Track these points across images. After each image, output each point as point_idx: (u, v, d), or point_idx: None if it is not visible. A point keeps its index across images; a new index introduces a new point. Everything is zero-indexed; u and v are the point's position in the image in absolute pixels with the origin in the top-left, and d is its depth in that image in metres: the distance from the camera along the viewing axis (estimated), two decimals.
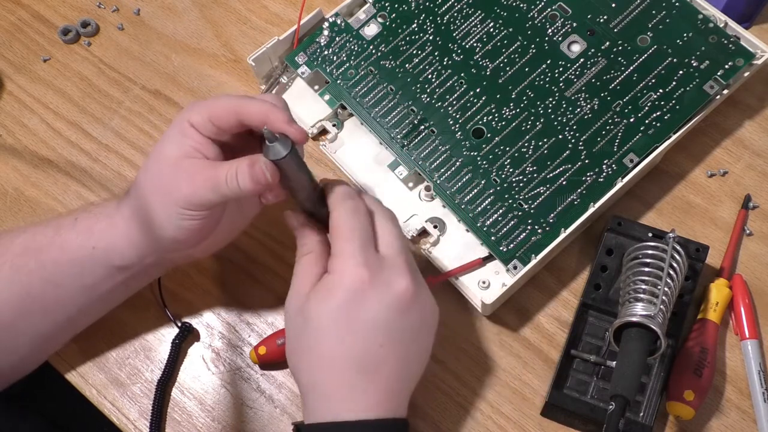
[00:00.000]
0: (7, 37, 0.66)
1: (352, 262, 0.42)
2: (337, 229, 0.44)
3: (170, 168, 0.44)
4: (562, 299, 0.54)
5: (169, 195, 0.44)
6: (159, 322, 0.55)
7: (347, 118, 0.59)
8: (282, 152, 0.42)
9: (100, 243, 0.47)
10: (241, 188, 0.42)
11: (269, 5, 0.66)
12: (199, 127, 0.44)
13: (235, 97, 0.44)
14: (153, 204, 0.44)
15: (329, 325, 0.42)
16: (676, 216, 0.56)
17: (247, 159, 0.43)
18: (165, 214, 0.44)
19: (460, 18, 0.58)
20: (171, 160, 0.44)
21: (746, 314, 0.52)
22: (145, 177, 0.45)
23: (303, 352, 0.44)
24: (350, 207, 0.44)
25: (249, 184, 0.42)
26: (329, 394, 0.43)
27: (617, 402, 0.44)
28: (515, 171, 0.54)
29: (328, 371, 0.43)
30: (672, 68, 0.55)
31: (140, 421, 0.52)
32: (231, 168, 0.43)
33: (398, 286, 0.43)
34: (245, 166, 0.42)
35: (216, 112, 0.44)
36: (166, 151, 0.44)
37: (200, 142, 0.44)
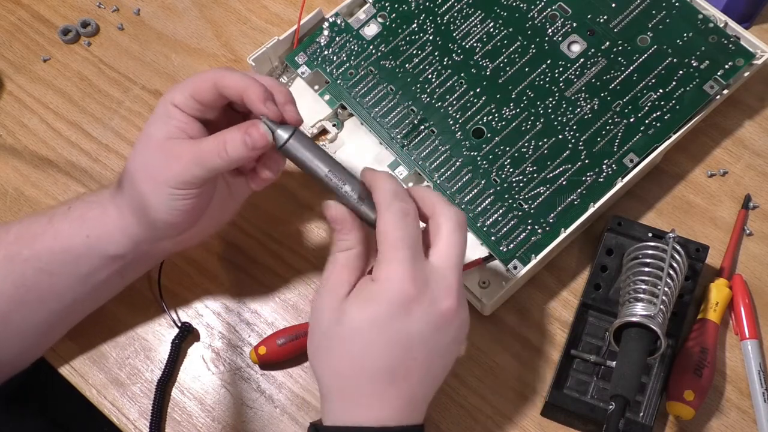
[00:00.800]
0: (7, 37, 0.66)
1: (398, 274, 0.41)
2: (384, 235, 0.41)
3: (157, 150, 0.44)
4: (562, 299, 0.54)
5: (159, 177, 0.44)
6: (159, 322, 0.55)
7: (347, 118, 0.59)
8: (283, 137, 0.43)
9: (93, 231, 0.47)
10: (232, 156, 0.43)
11: (269, 5, 0.66)
12: (183, 107, 0.44)
13: (213, 70, 0.45)
14: (144, 188, 0.45)
15: (367, 334, 0.41)
16: (676, 216, 0.56)
17: (236, 127, 0.43)
18: (156, 197, 0.44)
19: (460, 18, 0.58)
20: (157, 142, 0.44)
21: (746, 314, 0.52)
22: (134, 162, 0.46)
23: (332, 353, 0.42)
24: (400, 210, 0.42)
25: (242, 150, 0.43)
26: (354, 400, 0.42)
27: (617, 402, 0.44)
28: (515, 171, 0.54)
29: (357, 378, 0.42)
30: (672, 68, 0.55)
31: (140, 421, 0.52)
32: (218, 138, 0.43)
33: (443, 305, 0.41)
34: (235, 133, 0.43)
35: (196, 87, 0.44)
36: (152, 134, 0.45)
37: (184, 121, 0.44)
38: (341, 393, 0.42)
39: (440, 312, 0.41)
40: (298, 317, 0.55)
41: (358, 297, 0.42)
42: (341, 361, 0.42)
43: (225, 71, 0.44)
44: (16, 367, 0.51)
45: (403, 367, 0.42)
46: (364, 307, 0.41)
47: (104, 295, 0.51)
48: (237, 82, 0.43)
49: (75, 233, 0.47)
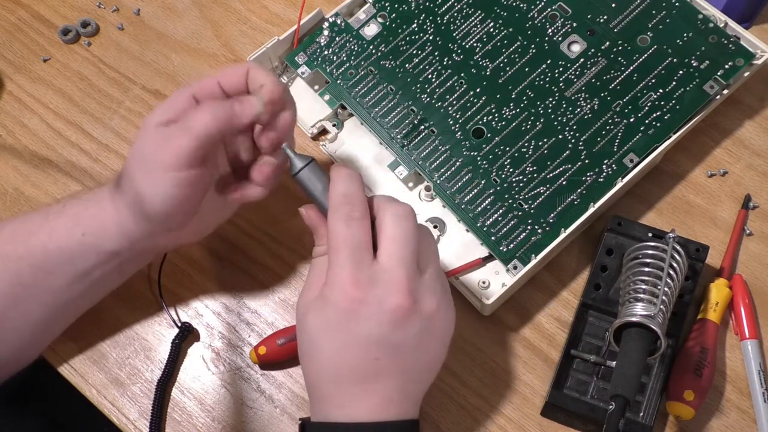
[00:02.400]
0: (7, 37, 0.66)
1: (341, 278, 0.41)
2: (330, 239, 0.42)
3: (152, 136, 0.45)
4: (562, 299, 0.54)
5: (154, 161, 0.44)
6: (159, 322, 0.55)
7: (347, 118, 0.59)
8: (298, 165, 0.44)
9: (89, 229, 0.47)
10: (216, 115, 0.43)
11: (269, 5, 0.66)
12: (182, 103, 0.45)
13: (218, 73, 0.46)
14: (140, 177, 0.45)
15: (324, 338, 0.42)
16: (676, 216, 0.56)
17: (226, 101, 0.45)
18: (153, 184, 0.44)
19: (460, 18, 0.58)
20: (152, 128, 0.45)
21: (746, 314, 0.52)
22: (131, 155, 0.46)
23: (304, 355, 0.44)
24: (345, 214, 0.42)
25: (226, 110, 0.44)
26: (327, 399, 0.43)
27: (617, 402, 0.44)
28: (515, 171, 0.54)
29: (325, 378, 0.43)
30: (672, 68, 0.55)
31: (140, 421, 0.52)
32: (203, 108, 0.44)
33: (392, 304, 0.41)
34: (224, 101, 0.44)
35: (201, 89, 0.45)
36: (147, 123, 0.45)
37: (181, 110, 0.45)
38: (315, 391, 0.44)
39: (391, 310, 0.41)
40: None
41: (315, 302, 0.43)
42: (311, 363, 0.43)
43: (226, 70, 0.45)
44: (14, 366, 0.51)
45: (367, 368, 0.42)
46: (318, 311, 0.42)
47: (102, 291, 0.51)
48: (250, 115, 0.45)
49: (71, 232, 0.47)
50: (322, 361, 0.43)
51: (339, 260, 0.41)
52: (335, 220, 0.42)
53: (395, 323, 0.41)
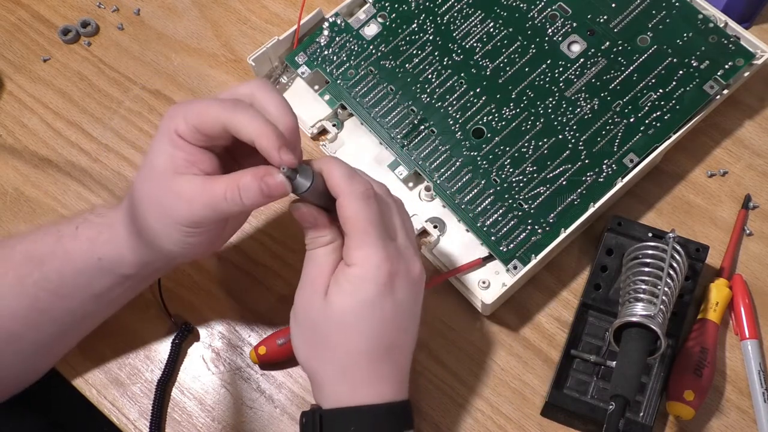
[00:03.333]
0: (7, 37, 0.66)
1: (376, 255, 0.41)
2: (352, 220, 0.41)
3: (164, 187, 0.41)
4: (562, 299, 0.54)
5: (168, 216, 0.42)
6: (159, 322, 0.55)
7: (347, 118, 0.59)
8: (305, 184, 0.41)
9: (105, 254, 0.46)
10: (246, 204, 0.40)
11: (269, 5, 0.66)
12: (188, 137, 0.41)
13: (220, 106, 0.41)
14: (152, 222, 0.43)
15: (359, 320, 0.42)
16: (676, 216, 0.56)
17: (250, 172, 0.40)
18: (166, 233, 0.43)
19: (460, 18, 0.58)
20: (164, 177, 0.41)
21: (746, 314, 0.52)
22: (140, 192, 0.43)
23: (327, 344, 0.43)
24: (361, 193, 0.41)
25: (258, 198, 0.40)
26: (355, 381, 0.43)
27: (617, 402, 0.44)
28: (515, 171, 0.54)
29: (356, 360, 0.43)
30: (672, 68, 0.55)
31: (140, 421, 0.52)
32: (231, 183, 0.40)
33: (415, 272, 0.43)
34: (250, 180, 0.40)
35: (202, 121, 0.40)
36: (158, 166, 0.42)
37: (192, 153, 0.41)
38: (342, 377, 0.43)
39: (414, 279, 0.44)
40: None
41: (341, 286, 0.42)
42: (338, 349, 0.43)
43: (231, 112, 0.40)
44: (27, 381, 0.51)
45: (397, 343, 0.44)
46: (350, 293, 0.42)
47: (115, 307, 0.51)
48: (248, 129, 0.40)
49: (87, 256, 0.46)
50: (354, 345, 0.42)
51: (370, 239, 0.42)
52: (353, 201, 0.41)
53: (417, 291, 0.44)
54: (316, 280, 0.43)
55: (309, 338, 0.44)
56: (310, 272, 0.44)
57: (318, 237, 0.44)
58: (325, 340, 0.43)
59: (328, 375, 0.43)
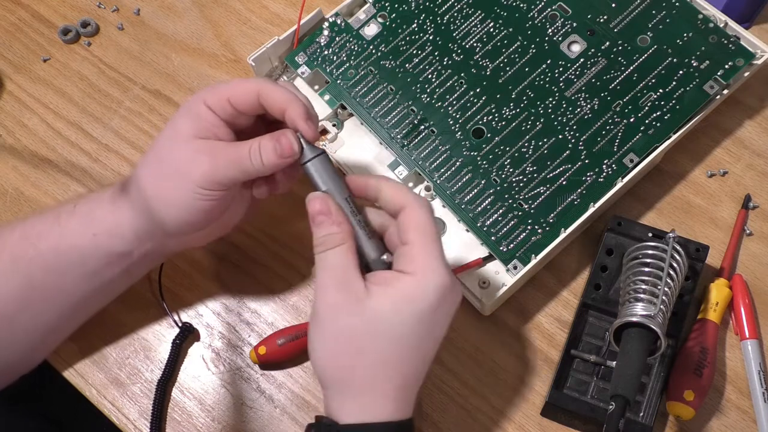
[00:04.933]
0: (7, 37, 0.66)
1: (441, 265, 0.41)
2: (422, 227, 0.42)
3: (186, 147, 0.44)
4: (562, 299, 0.54)
5: (186, 174, 0.44)
6: (159, 322, 0.55)
7: (347, 118, 0.59)
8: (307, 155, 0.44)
9: (100, 229, 0.46)
10: (265, 163, 0.43)
11: (269, 5, 0.66)
12: (216, 109, 0.44)
13: (256, 79, 0.45)
14: (164, 185, 0.44)
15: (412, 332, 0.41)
16: (676, 216, 0.56)
17: (269, 135, 0.44)
18: (178, 194, 0.44)
19: (460, 18, 0.58)
20: (186, 139, 0.44)
21: (746, 314, 0.52)
22: (153, 159, 0.45)
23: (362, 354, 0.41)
24: (428, 205, 0.43)
25: (273, 158, 0.43)
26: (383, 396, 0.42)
27: (617, 402, 0.44)
28: (515, 171, 0.54)
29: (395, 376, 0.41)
30: (672, 68, 0.55)
31: (140, 421, 0.52)
32: (254, 144, 0.43)
33: (459, 296, 0.43)
34: (268, 141, 0.43)
35: (236, 93, 0.44)
36: (180, 128, 0.44)
37: (215, 123, 0.44)
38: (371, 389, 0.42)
39: (459, 299, 0.43)
40: (298, 317, 0.55)
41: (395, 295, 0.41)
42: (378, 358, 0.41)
43: (269, 83, 0.44)
44: (23, 369, 0.51)
45: (428, 355, 0.43)
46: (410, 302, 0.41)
47: (110, 294, 0.51)
48: (281, 97, 0.44)
49: (82, 231, 0.47)
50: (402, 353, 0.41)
51: (436, 250, 0.42)
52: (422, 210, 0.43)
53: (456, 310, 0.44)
54: (345, 286, 0.41)
55: (341, 346, 0.42)
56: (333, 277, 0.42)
57: (330, 235, 0.42)
58: (365, 352, 0.41)
59: (359, 388, 0.42)
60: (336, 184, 0.44)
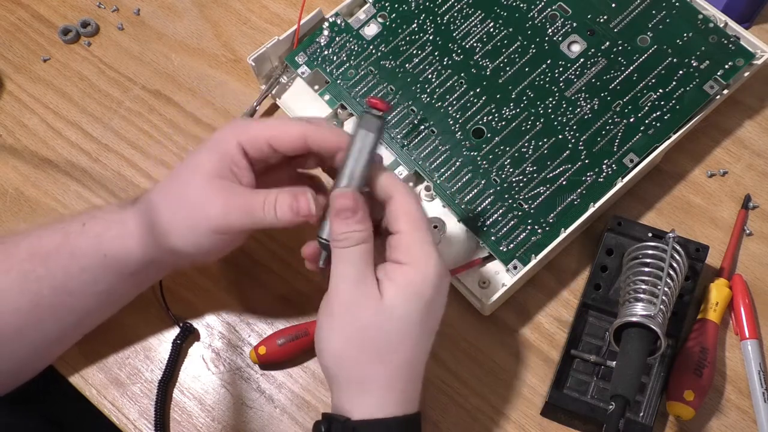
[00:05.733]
0: (7, 37, 0.66)
1: (435, 253, 0.41)
2: (413, 216, 0.42)
3: (203, 185, 0.43)
4: (562, 299, 0.54)
5: (198, 213, 0.43)
6: (159, 322, 0.55)
7: (347, 118, 0.59)
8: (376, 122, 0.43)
9: (111, 251, 0.46)
10: (279, 218, 0.42)
11: (269, 5, 0.66)
12: (250, 150, 0.43)
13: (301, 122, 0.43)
14: (177, 220, 0.44)
15: (417, 324, 0.41)
16: (676, 216, 0.56)
17: (287, 190, 0.43)
18: (187, 231, 0.43)
19: (460, 18, 0.58)
20: (206, 176, 0.43)
21: (746, 314, 0.52)
22: (170, 190, 0.44)
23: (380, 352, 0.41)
24: (415, 194, 0.43)
25: (288, 215, 0.42)
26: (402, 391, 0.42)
27: (617, 402, 0.44)
28: (515, 171, 0.54)
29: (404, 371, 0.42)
30: (672, 68, 0.55)
31: (140, 421, 0.52)
32: (270, 196, 0.43)
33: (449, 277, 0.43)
34: (286, 196, 0.42)
35: (279, 136, 0.43)
36: (202, 164, 0.43)
37: (240, 166, 0.43)
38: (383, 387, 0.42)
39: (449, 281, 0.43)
40: (298, 317, 0.55)
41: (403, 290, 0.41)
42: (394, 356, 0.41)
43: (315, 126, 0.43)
44: (26, 376, 0.51)
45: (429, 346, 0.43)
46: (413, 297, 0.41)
47: (117, 306, 0.51)
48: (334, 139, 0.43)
49: (93, 253, 0.46)
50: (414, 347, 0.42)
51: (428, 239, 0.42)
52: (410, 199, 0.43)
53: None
54: (364, 286, 0.41)
55: (355, 342, 0.41)
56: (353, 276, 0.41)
57: (356, 232, 0.41)
58: (380, 347, 0.41)
59: (375, 385, 0.42)
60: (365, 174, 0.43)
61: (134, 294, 0.51)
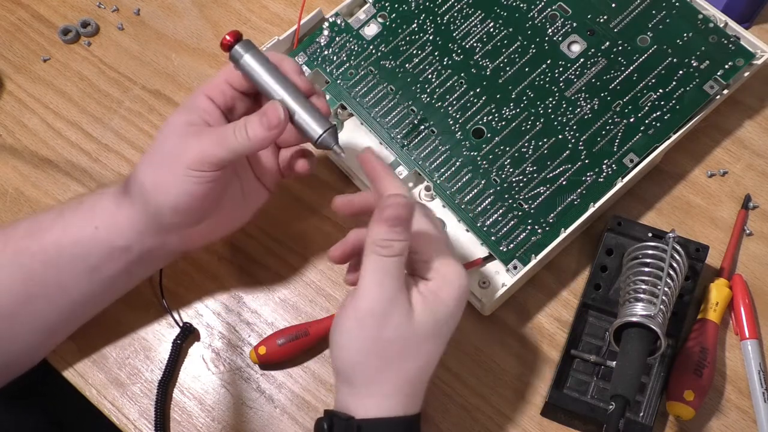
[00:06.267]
0: (7, 37, 0.66)
1: (460, 269, 0.43)
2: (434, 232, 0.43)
3: (177, 133, 0.45)
4: (562, 299, 0.54)
5: (177, 158, 0.45)
6: (159, 322, 0.55)
7: (347, 118, 0.59)
8: (240, 52, 0.46)
9: (102, 222, 0.47)
10: (250, 137, 0.44)
11: (269, 5, 0.66)
12: (214, 95, 0.47)
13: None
14: (159, 171, 0.45)
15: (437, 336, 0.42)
16: (676, 216, 0.56)
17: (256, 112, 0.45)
18: (171, 178, 0.45)
19: (460, 18, 0.58)
20: (177, 126, 0.46)
21: (746, 314, 0.52)
22: (151, 150, 0.46)
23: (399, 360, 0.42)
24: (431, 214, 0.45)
25: (259, 130, 0.44)
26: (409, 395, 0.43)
27: (617, 402, 0.44)
28: (515, 171, 0.54)
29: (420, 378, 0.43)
30: (672, 68, 0.55)
31: (140, 421, 0.52)
32: (239, 122, 0.45)
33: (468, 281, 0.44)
34: (253, 116, 0.45)
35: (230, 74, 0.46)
36: (173, 120, 0.46)
37: (208, 110, 0.46)
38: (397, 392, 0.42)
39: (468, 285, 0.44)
40: (298, 317, 0.55)
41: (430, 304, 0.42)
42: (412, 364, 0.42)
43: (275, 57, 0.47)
44: (23, 367, 0.51)
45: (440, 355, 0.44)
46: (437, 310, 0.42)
47: (110, 294, 0.51)
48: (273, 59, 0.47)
49: (84, 225, 0.47)
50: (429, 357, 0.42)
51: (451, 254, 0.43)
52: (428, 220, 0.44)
53: None
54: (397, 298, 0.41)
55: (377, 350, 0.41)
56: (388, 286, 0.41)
57: (400, 242, 0.41)
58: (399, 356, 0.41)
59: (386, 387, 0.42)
60: (273, 81, 0.46)
61: (128, 280, 0.51)
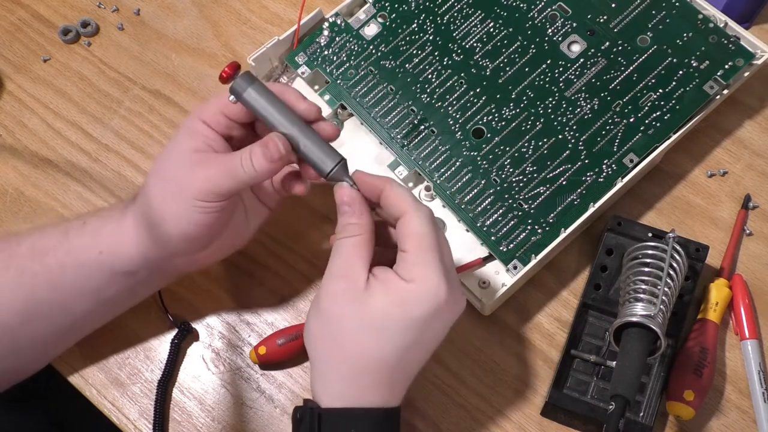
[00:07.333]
0: (7, 37, 0.66)
1: (437, 277, 0.42)
2: (419, 237, 0.42)
3: (183, 162, 0.45)
4: (562, 299, 0.54)
5: (184, 187, 0.44)
6: (159, 322, 0.55)
7: (347, 118, 0.59)
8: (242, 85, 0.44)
9: (106, 247, 0.46)
10: (257, 169, 0.44)
11: (269, 5, 0.66)
12: (211, 122, 0.45)
13: None
14: (165, 200, 0.45)
15: (400, 334, 0.42)
16: (676, 216, 0.56)
17: (258, 142, 0.44)
18: (178, 209, 0.44)
19: (460, 18, 0.58)
20: (183, 153, 0.45)
21: (746, 314, 0.52)
22: (156, 176, 0.46)
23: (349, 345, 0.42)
24: (427, 214, 0.43)
25: (263, 162, 0.43)
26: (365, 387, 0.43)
27: (617, 402, 0.44)
28: (515, 171, 0.54)
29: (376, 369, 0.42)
30: (672, 68, 0.55)
31: (140, 421, 0.52)
32: (245, 152, 0.44)
33: (460, 306, 0.44)
34: (257, 147, 0.44)
35: (227, 103, 0.45)
36: (178, 147, 0.45)
37: (211, 137, 0.45)
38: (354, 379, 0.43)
39: (458, 313, 0.44)
40: (298, 317, 0.55)
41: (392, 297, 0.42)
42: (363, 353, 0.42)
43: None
44: (20, 376, 0.51)
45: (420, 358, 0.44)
46: (404, 308, 0.41)
47: (113, 311, 0.51)
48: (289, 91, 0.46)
49: (88, 248, 0.47)
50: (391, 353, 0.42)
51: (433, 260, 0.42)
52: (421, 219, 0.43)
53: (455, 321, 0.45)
54: (347, 270, 0.42)
55: (332, 331, 0.43)
56: (341, 261, 0.43)
57: (348, 224, 0.43)
58: (351, 339, 0.42)
59: (341, 374, 0.43)
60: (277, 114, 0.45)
61: (131, 299, 0.51)
